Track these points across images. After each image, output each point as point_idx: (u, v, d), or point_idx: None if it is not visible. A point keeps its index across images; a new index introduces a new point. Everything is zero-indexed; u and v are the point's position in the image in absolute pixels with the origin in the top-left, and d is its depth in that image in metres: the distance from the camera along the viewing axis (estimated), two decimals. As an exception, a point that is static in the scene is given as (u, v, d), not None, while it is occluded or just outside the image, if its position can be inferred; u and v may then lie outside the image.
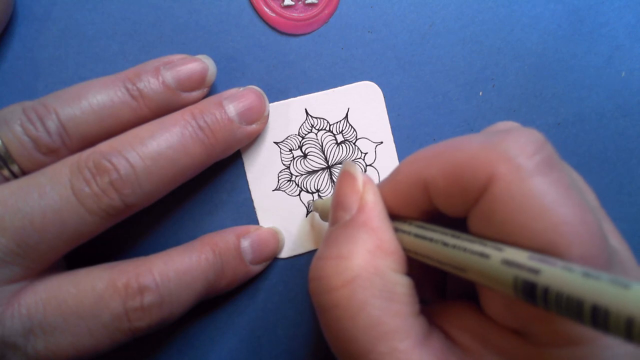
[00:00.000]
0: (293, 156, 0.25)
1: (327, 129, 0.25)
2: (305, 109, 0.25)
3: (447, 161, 0.16)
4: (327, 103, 0.25)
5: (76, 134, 0.20)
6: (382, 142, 0.25)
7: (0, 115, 0.20)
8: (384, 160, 0.25)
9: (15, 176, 0.20)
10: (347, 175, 0.19)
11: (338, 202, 0.19)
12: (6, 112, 0.20)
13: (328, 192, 0.25)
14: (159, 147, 0.20)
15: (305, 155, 0.25)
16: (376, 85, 0.25)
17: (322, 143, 0.25)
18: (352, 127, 0.25)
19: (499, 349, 0.16)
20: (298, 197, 0.25)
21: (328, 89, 0.25)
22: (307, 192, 0.25)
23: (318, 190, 0.25)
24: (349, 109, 0.25)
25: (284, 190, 0.25)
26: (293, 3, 0.25)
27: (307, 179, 0.25)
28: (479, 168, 0.15)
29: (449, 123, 0.26)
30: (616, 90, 0.26)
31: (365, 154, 0.25)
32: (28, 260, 0.19)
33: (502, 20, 0.26)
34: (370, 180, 0.19)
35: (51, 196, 0.19)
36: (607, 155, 0.26)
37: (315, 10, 0.25)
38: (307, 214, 0.25)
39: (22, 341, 0.18)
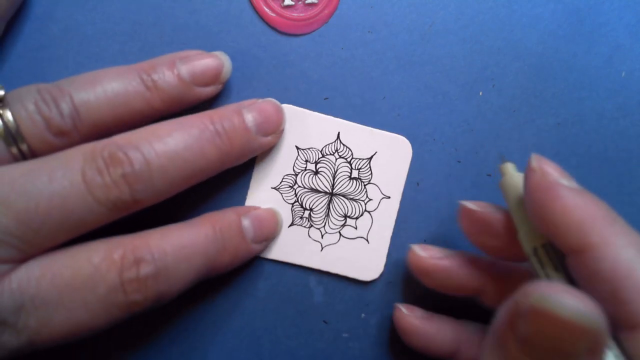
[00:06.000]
0: (306, 167, 0.25)
1: (348, 159, 0.25)
2: (338, 133, 0.25)
3: None
4: (359, 137, 0.25)
5: (88, 119, 0.20)
6: (389, 197, 0.25)
7: (16, 94, 0.20)
8: (383, 214, 0.25)
9: (23, 155, 0.20)
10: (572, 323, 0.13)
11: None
12: (21, 91, 0.20)
13: (321, 214, 0.25)
14: (176, 147, 0.20)
15: (316, 173, 0.25)
16: (409, 144, 0.25)
17: (336, 170, 0.25)
18: (370, 169, 0.25)
19: None
20: (291, 206, 0.25)
21: (328, 89, 0.25)
22: (301, 206, 0.25)
23: (311, 209, 0.25)
24: (376, 152, 0.25)
25: (281, 193, 0.25)
26: (293, 3, 0.25)
27: (307, 194, 0.25)
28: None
29: (449, 123, 0.26)
30: (616, 90, 0.26)
31: (370, 200, 0.25)
32: (25, 244, 0.18)
33: (502, 20, 0.26)
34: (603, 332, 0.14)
35: (61, 181, 0.19)
36: (607, 155, 0.26)
37: (315, 10, 0.25)
38: (290, 225, 0.25)
39: (12, 318, 0.18)
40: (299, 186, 0.25)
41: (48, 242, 0.19)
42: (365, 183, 0.25)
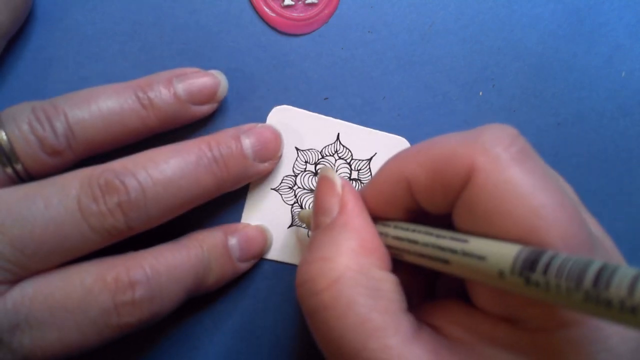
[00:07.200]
0: (305, 168, 0.25)
1: (348, 161, 0.25)
2: (338, 134, 0.25)
3: (427, 157, 0.17)
4: (359, 138, 0.25)
5: (82, 138, 0.20)
6: None
7: (9, 113, 0.20)
8: None
9: (18, 175, 0.20)
10: (325, 180, 0.20)
11: (319, 207, 0.19)
12: (15, 110, 0.20)
13: None
14: (172, 175, 0.20)
15: (315, 174, 0.25)
16: (408, 145, 0.25)
17: (336, 170, 0.25)
18: (370, 170, 0.25)
19: (491, 338, 0.16)
20: (290, 207, 0.25)
21: (328, 89, 0.25)
22: (301, 207, 0.25)
23: None
24: (375, 153, 0.25)
25: (281, 194, 0.25)
26: (293, 3, 0.25)
27: (306, 195, 0.25)
28: (459, 161, 0.16)
29: (448, 123, 0.26)
30: (616, 90, 0.26)
31: None
32: (19, 268, 0.18)
33: (502, 20, 0.26)
34: (348, 183, 0.20)
35: (57, 208, 0.19)
36: (607, 155, 0.26)
37: (315, 10, 0.25)
38: (289, 226, 0.25)
39: (7, 336, 0.18)
40: (299, 187, 0.25)
41: (41, 266, 0.19)
42: (365, 184, 0.25)
